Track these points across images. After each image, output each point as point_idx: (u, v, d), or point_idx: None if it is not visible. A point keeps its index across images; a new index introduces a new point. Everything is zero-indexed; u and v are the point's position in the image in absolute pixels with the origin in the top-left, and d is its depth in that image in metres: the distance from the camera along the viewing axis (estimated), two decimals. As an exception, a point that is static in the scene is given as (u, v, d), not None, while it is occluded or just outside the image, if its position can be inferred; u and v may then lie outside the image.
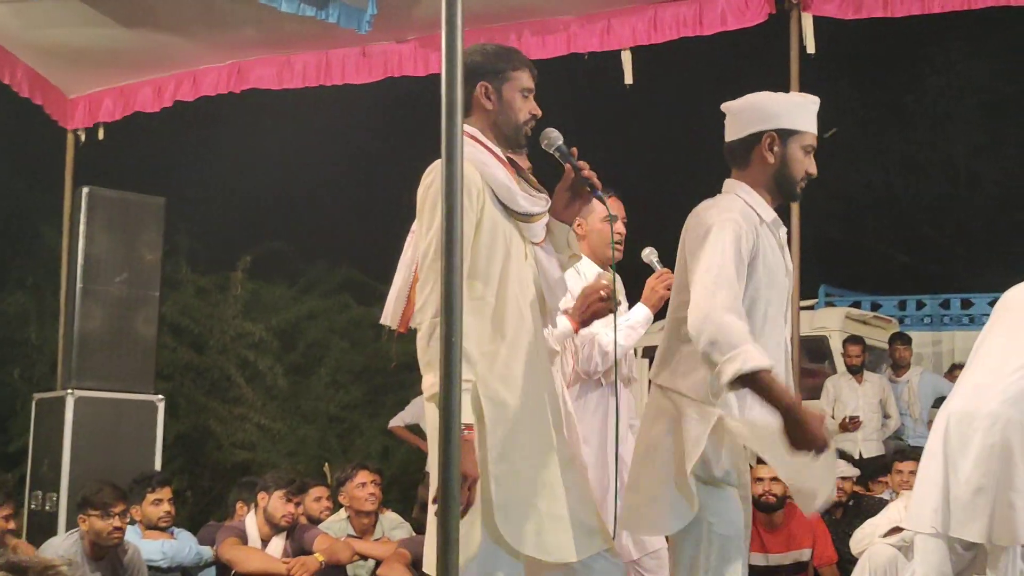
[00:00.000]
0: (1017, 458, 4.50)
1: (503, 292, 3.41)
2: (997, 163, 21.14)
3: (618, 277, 4.87)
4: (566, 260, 3.76)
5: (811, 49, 6.86)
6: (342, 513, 6.95)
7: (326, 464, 10.69)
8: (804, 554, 6.74)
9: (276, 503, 6.29)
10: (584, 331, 4.51)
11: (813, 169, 3.71)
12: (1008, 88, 21.40)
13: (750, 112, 3.70)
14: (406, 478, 12.88)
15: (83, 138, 8.74)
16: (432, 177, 3.43)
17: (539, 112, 3.59)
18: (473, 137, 3.47)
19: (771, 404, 3.32)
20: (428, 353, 3.28)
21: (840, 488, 7.15)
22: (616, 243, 4.69)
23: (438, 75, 2.68)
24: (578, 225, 4.77)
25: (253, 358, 13.34)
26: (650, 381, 3.75)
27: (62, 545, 5.83)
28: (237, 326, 13.48)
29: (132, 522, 6.17)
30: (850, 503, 7.30)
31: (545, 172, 3.76)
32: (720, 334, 3.30)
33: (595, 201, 4.70)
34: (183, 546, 6.35)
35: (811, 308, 13.37)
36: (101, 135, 8.71)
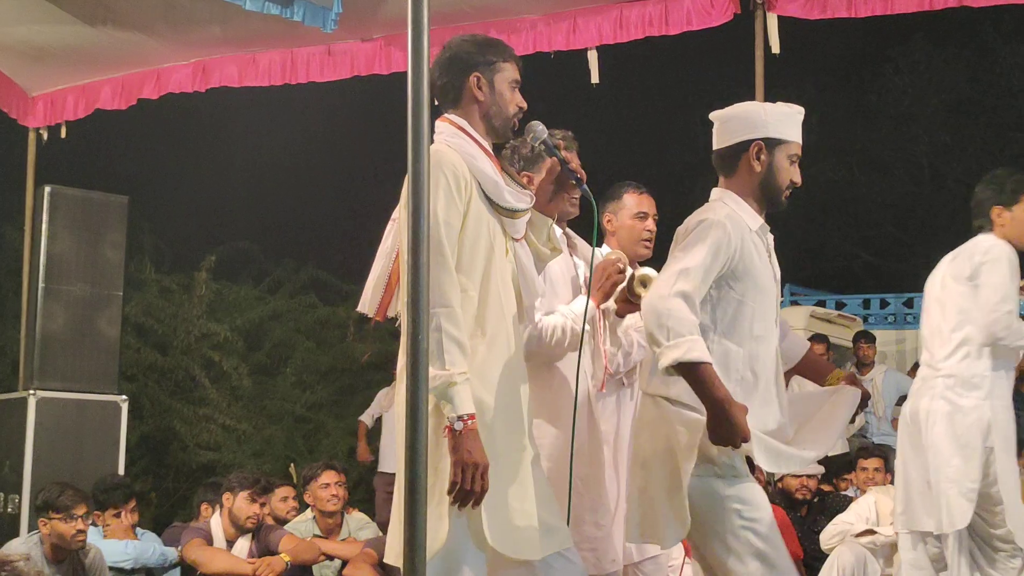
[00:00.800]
0: (947, 449, 4.76)
1: (485, 287, 3.38)
2: (960, 162, 21.33)
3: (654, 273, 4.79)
4: (548, 254, 3.74)
5: (776, 49, 6.89)
6: (308, 513, 6.93)
7: (292, 465, 10.65)
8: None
9: (241, 504, 6.25)
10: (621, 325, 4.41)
11: (798, 178, 3.77)
12: (971, 88, 21.61)
13: (738, 121, 3.76)
14: (371, 478, 12.86)
15: (45, 137, 8.67)
16: None
17: (525, 105, 3.57)
18: (461, 128, 3.46)
19: (703, 397, 3.36)
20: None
21: (805, 486, 7.20)
22: (646, 240, 4.70)
23: (404, 74, 2.67)
24: (607, 220, 4.74)
25: (218, 358, 13.28)
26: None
27: (21, 548, 5.77)
28: (202, 326, 13.41)
29: (94, 524, 6.13)
30: (815, 500, 7.34)
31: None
32: (670, 319, 3.34)
33: (626, 196, 4.73)
34: (147, 547, 6.31)
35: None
36: (64, 134, 8.64)
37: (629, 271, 4.24)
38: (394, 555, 3.26)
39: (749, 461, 3.57)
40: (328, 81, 7.89)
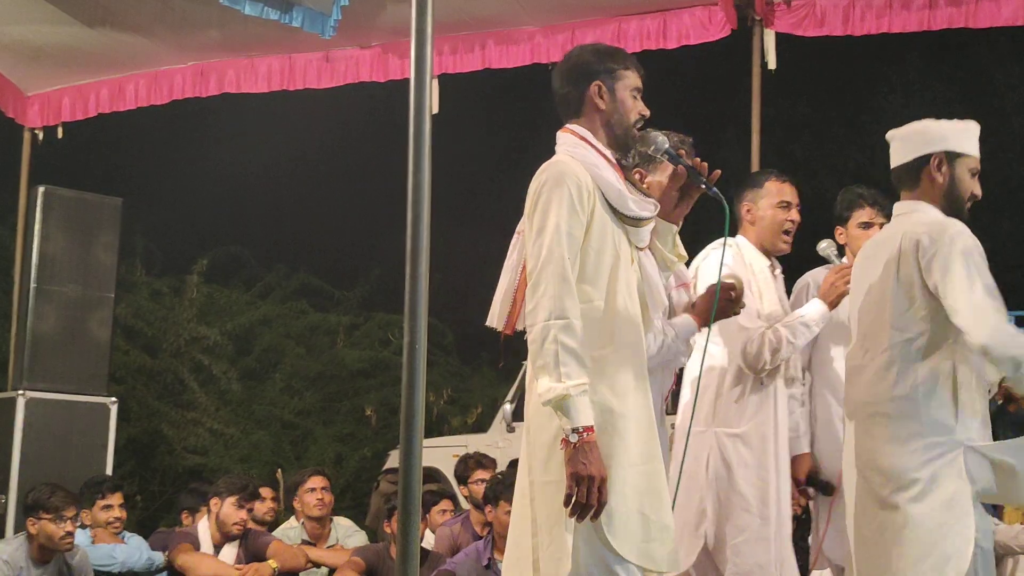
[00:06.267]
0: None
1: (612, 297, 3.34)
2: (952, 182, 21.41)
3: (778, 268, 4.70)
4: (675, 261, 3.73)
5: (772, 65, 6.92)
6: (294, 520, 6.92)
7: (279, 470, 10.64)
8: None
9: (228, 509, 6.23)
10: (754, 324, 4.36)
11: (978, 190, 3.88)
12: (964, 109, 21.66)
13: (918, 136, 3.89)
14: (359, 485, 12.85)
15: (41, 137, 8.65)
16: (545, 176, 3.33)
17: (648, 112, 3.53)
18: (583, 139, 3.42)
19: None
20: (541, 357, 3.17)
21: (793, 501, 7.19)
22: (787, 231, 4.59)
23: (401, 82, 2.68)
24: (747, 210, 4.65)
25: (207, 362, 13.26)
26: None
27: (7, 548, 5.75)
28: (192, 330, 13.40)
29: (82, 526, 6.10)
30: (804, 516, 7.34)
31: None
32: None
33: (767, 185, 4.62)
34: (134, 551, 6.28)
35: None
36: (60, 134, 8.63)
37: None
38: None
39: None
40: (326, 88, 7.90)
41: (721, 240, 4.45)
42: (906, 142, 3.92)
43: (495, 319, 3.56)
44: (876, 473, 3.72)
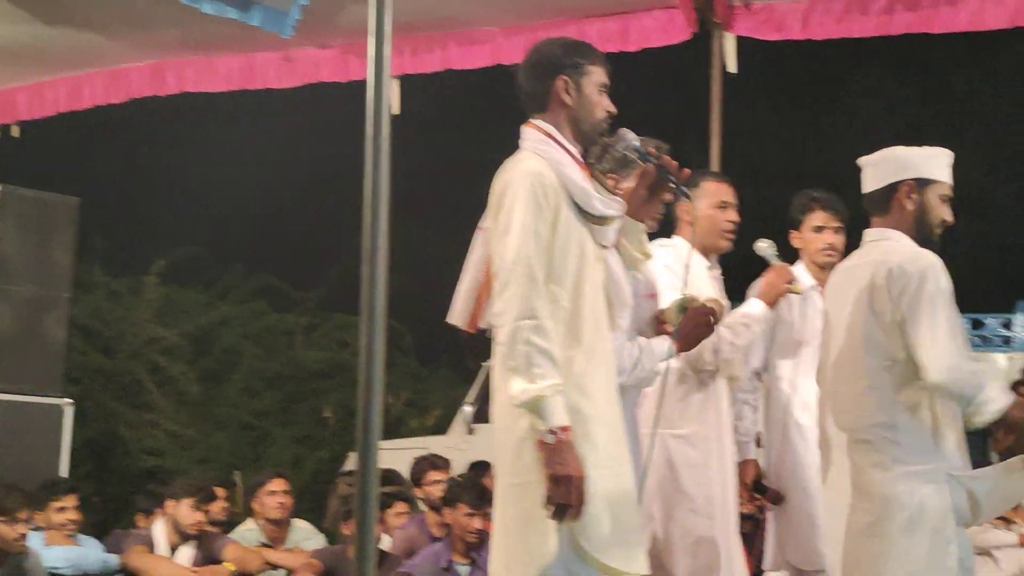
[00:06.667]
0: None
1: (579, 296, 3.31)
2: (910, 187, 21.62)
3: (717, 269, 4.71)
4: (642, 259, 3.71)
5: (733, 69, 6.94)
6: (251, 522, 6.88)
7: (237, 472, 10.58)
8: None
9: (184, 511, 6.19)
10: None
11: (949, 216, 3.93)
12: (925, 113, 21.86)
13: (888, 163, 3.96)
14: (318, 487, 12.79)
15: (-2, 135, 8.55)
16: (510, 174, 3.31)
17: (614, 109, 3.50)
18: (548, 135, 3.39)
19: None
20: (513, 358, 3.15)
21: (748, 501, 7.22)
22: (728, 231, 4.59)
23: (362, 82, 2.66)
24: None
25: (165, 363, 13.19)
26: None
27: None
28: (149, 330, 13.32)
29: (36, 529, 6.04)
30: (759, 516, 7.36)
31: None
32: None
33: (705, 185, 4.62)
34: (88, 554, 6.23)
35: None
36: (16, 133, 8.53)
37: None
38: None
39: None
40: (286, 88, 7.85)
41: (664, 240, 4.50)
42: (877, 169, 3.99)
43: (457, 316, 3.53)
44: (863, 500, 3.74)
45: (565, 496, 3.09)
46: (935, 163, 3.94)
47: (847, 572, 3.81)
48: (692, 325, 3.91)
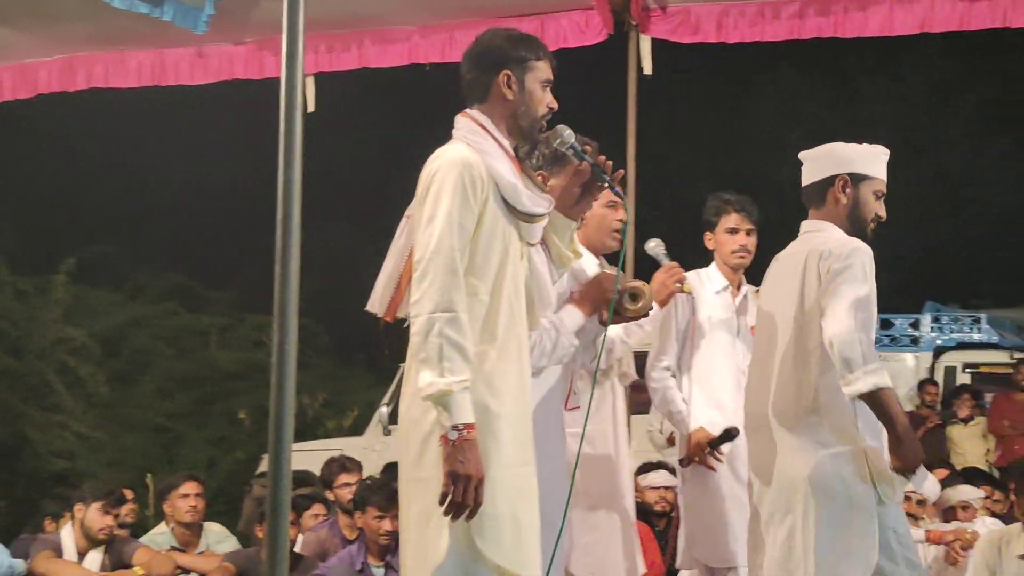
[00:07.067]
0: None
1: (497, 292, 3.26)
2: (821, 189, 21.98)
3: (610, 269, 4.68)
4: (571, 257, 3.66)
5: (648, 70, 6.99)
6: (163, 525, 6.78)
7: (149, 475, 10.44)
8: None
9: (93, 515, 6.08)
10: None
11: (883, 212, 4.05)
12: (834, 118, 22.25)
13: (825, 158, 4.08)
14: (232, 489, 12.66)
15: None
16: (439, 162, 3.24)
17: (556, 106, 3.43)
18: (482, 126, 3.33)
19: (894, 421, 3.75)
20: (424, 350, 3.09)
21: (663, 499, 7.29)
22: (616, 231, 4.49)
23: (276, 79, 2.63)
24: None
25: (74, 364, 12.97)
26: None
27: None
28: (58, 330, 13.09)
29: (-61, 534, 5.91)
30: (673, 514, 7.43)
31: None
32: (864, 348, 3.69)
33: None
34: (-7, 559, 6.10)
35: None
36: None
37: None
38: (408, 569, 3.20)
39: None
40: (198, 85, 7.74)
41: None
42: (815, 163, 4.10)
43: (376, 304, 3.47)
44: (785, 481, 3.86)
45: (461, 494, 3.06)
46: (871, 160, 4.05)
47: (774, 555, 3.90)
48: (596, 289, 3.88)
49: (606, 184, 3.55)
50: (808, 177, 4.12)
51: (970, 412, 11.15)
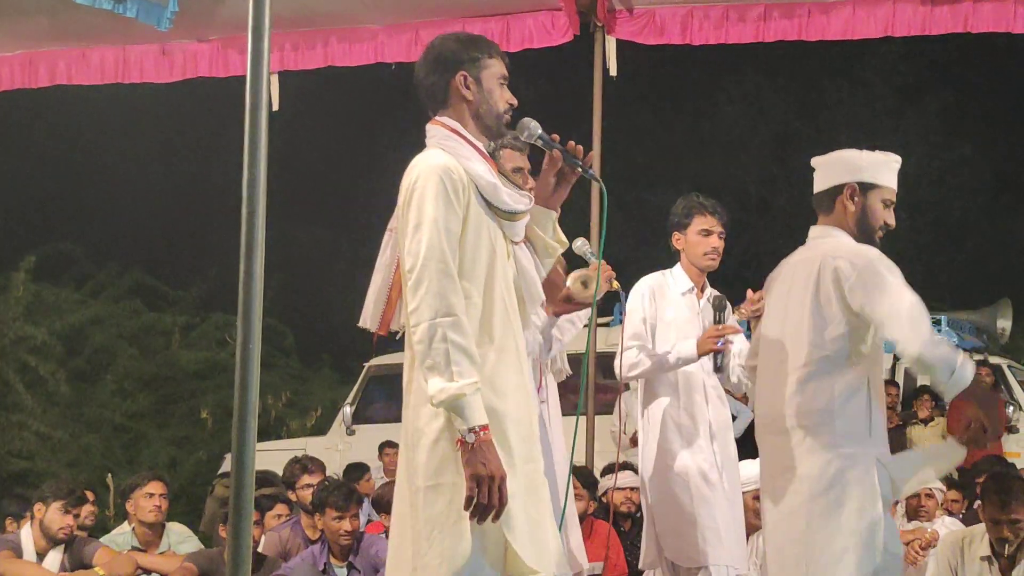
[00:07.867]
0: None
1: (489, 293, 3.26)
2: (785, 191, 22.06)
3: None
4: (556, 247, 3.64)
5: (613, 72, 7.02)
6: (126, 525, 6.73)
7: (109, 475, 10.36)
8: (597, 567, 6.84)
9: (53, 515, 6.02)
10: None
11: (891, 220, 4.05)
12: (797, 120, 22.38)
13: (836, 165, 4.10)
14: (194, 489, 12.59)
15: None
16: (418, 171, 3.23)
17: (515, 101, 3.45)
18: (454, 130, 3.33)
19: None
20: (431, 356, 3.09)
21: (629, 499, 7.29)
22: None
23: (241, 77, 2.62)
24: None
25: (34, 363, 12.84)
26: None
27: None
28: (18, 329, 12.96)
29: None
30: (638, 514, 7.44)
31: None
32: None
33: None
34: (-48, 560, 6.03)
35: (606, 325, 13.67)
36: None
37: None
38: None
39: None
40: (163, 82, 7.70)
41: None
42: (826, 170, 4.12)
43: (368, 320, 3.47)
44: (793, 481, 3.87)
45: (487, 496, 3.06)
46: (880, 168, 4.06)
47: (777, 552, 3.94)
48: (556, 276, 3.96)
49: (579, 168, 3.55)
50: (818, 184, 4.13)
51: (930, 413, 11.22)
